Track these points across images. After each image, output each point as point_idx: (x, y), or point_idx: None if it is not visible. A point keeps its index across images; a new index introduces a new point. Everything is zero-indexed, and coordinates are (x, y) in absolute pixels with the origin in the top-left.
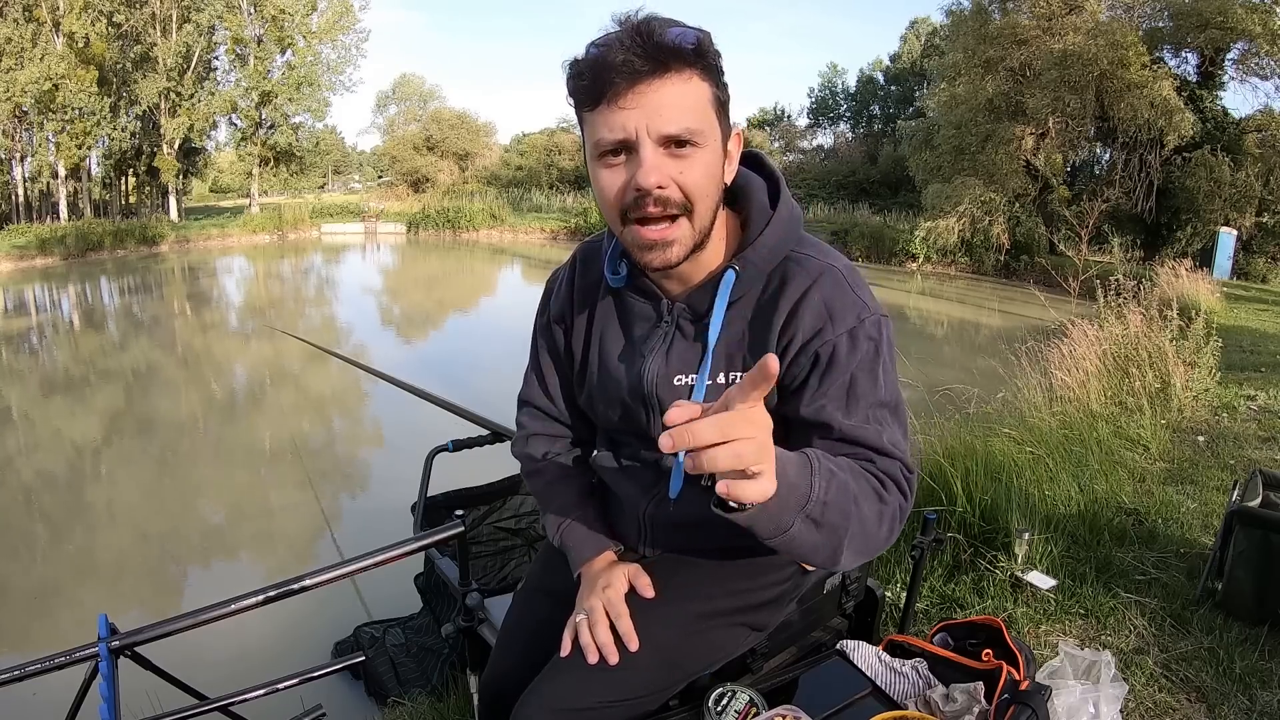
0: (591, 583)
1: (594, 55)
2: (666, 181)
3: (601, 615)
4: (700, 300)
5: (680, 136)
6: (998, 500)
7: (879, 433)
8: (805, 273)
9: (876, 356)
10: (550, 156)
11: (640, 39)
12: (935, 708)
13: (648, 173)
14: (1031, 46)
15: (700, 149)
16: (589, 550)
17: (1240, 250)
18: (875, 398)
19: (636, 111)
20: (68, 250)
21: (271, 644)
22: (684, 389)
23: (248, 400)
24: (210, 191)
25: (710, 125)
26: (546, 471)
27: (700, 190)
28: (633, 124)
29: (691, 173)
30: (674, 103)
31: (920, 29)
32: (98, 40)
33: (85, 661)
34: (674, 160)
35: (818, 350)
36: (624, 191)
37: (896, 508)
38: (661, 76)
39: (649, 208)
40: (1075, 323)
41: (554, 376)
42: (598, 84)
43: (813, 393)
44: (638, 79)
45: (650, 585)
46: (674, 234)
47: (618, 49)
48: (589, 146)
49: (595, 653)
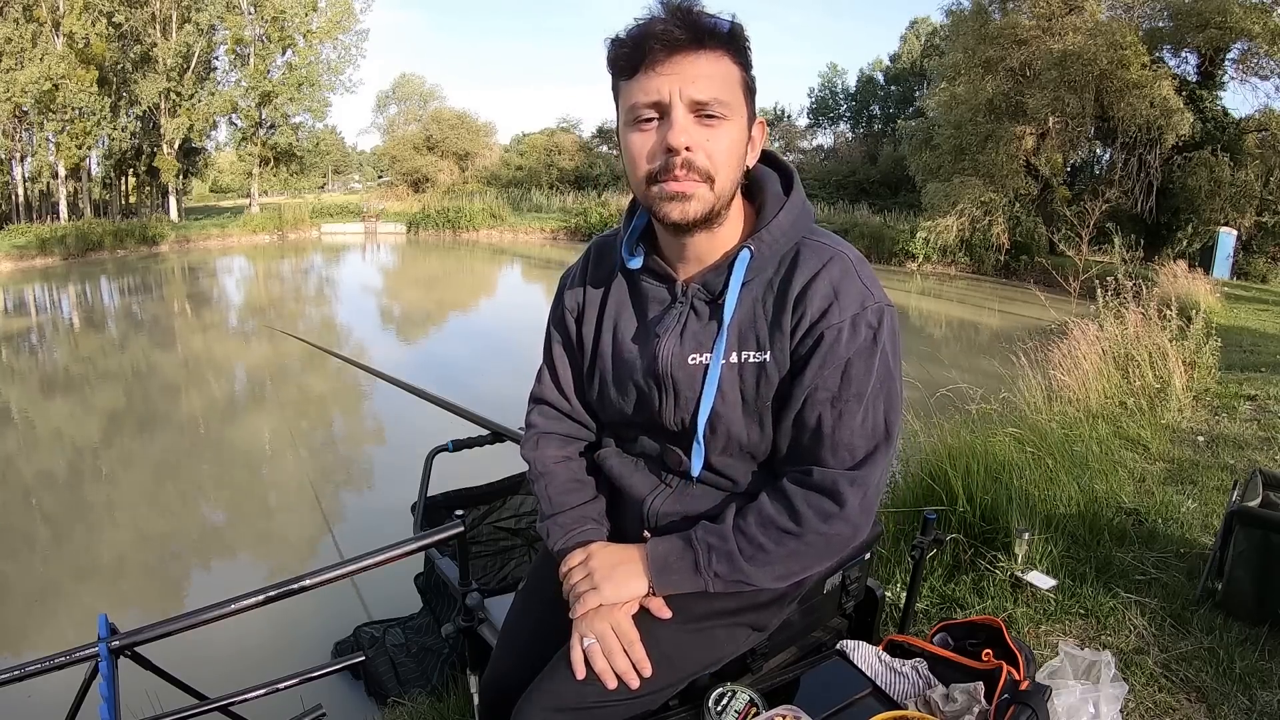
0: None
1: (635, 28)
2: (695, 144)
3: (615, 642)
4: (715, 280)
5: (710, 106)
6: (998, 500)
7: (853, 428)
8: (817, 256)
9: (874, 345)
10: (550, 156)
11: (680, 14)
12: (935, 708)
13: (678, 133)
14: (1031, 46)
15: (727, 122)
16: None
17: (1240, 250)
18: (865, 386)
19: (672, 77)
20: (68, 250)
21: (271, 644)
22: (698, 368)
23: (248, 400)
24: (210, 191)
25: (738, 103)
26: (556, 476)
27: (723, 161)
28: (667, 88)
29: (717, 142)
30: (707, 73)
31: (920, 29)
32: (98, 40)
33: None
34: (702, 128)
35: (823, 332)
36: (653, 154)
37: (818, 534)
38: (697, 50)
39: (675, 170)
40: (1075, 323)
41: (568, 372)
42: (638, 51)
43: (812, 374)
44: (676, 48)
45: (664, 606)
46: (695, 190)
47: (658, 21)
48: (623, 114)
49: (614, 680)
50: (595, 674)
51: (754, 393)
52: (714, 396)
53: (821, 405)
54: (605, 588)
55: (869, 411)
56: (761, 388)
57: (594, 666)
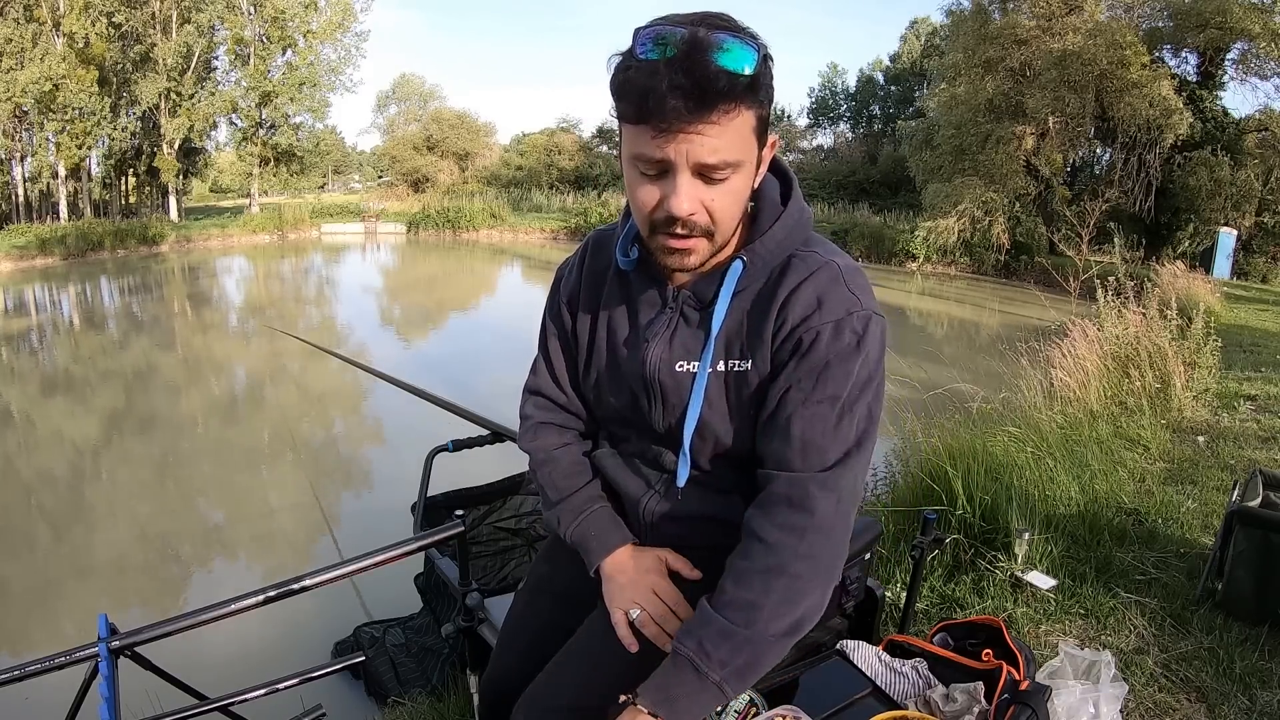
0: (627, 573)
1: (639, 79)
2: (697, 208)
3: (661, 606)
4: (705, 288)
5: (717, 170)
6: (998, 500)
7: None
8: (805, 266)
9: (856, 350)
10: (550, 156)
11: (689, 70)
12: (935, 708)
13: (680, 201)
14: (1031, 46)
15: (735, 174)
16: (614, 541)
17: (1240, 250)
18: (842, 390)
19: (679, 140)
20: (68, 250)
21: (271, 644)
22: (686, 375)
23: (248, 400)
24: (210, 191)
25: (749, 152)
26: (560, 461)
27: (726, 214)
28: (673, 151)
29: (722, 199)
30: (715, 136)
31: (920, 29)
32: (98, 40)
33: (85, 661)
34: (707, 187)
35: (801, 335)
36: (656, 208)
37: (798, 557)
38: (706, 117)
39: (676, 228)
40: (1075, 323)
41: (563, 364)
42: (640, 111)
43: (786, 375)
44: (680, 117)
45: (691, 567)
46: (695, 246)
47: (664, 76)
48: (626, 147)
49: (670, 643)
50: (649, 641)
51: (739, 401)
52: (701, 404)
53: (794, 406)
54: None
55: (843, 416)
56: (745, 395)
57: (647, 634)
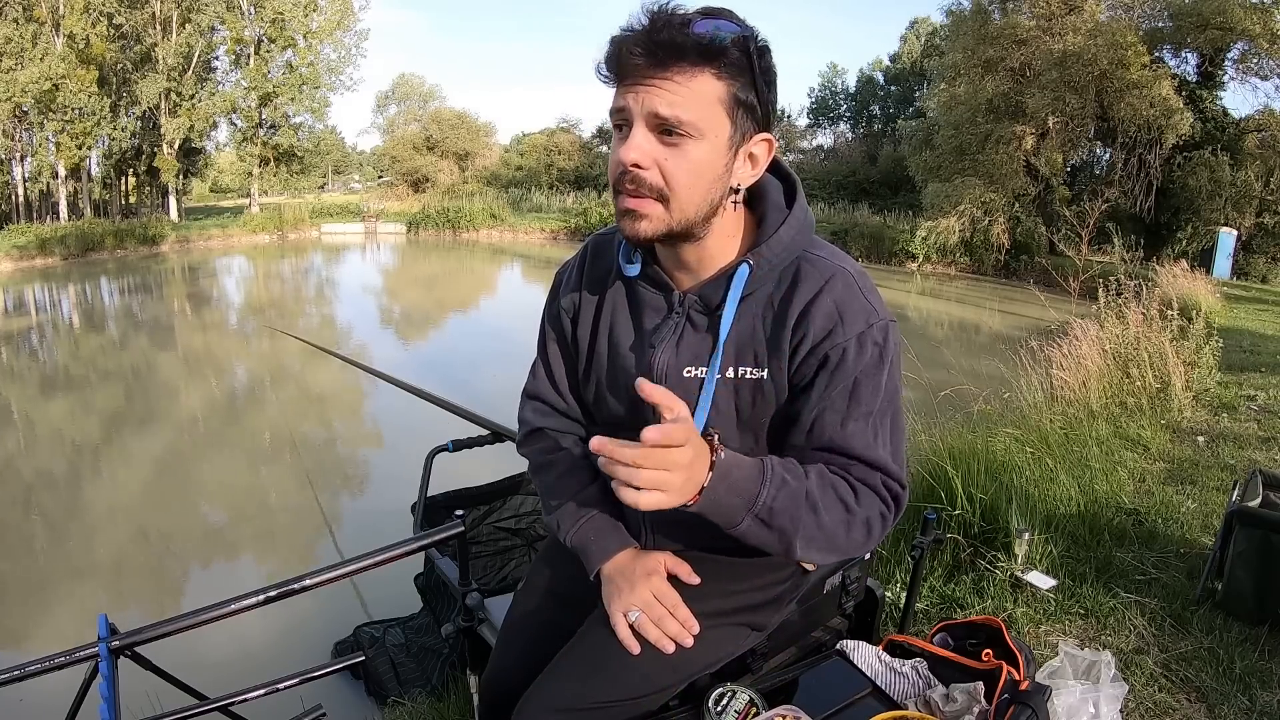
0: (627, 577)
1: (614, 45)
2: (648, 162)
3: (660, 609)
4: (712, 293)
5: (669, 123)
6: (998, 500)
7: (868, 444)
8: (818, 273)
9: (880, 362)
10: (550, 156)
11: (648, 32)
12: (935, 708)
13: (629, 149)
14: (1031, 47)
15: (693, 140)
16: (614, 544)
17: (1240, 250)
18: (874, 404)
19: (637, 90)
20: (68, 250)
21: (271, 644)
22: (694, 381)
23: (248, 400)
24: (210, 191)
25: (711, 122)
26: (558, 464)
27: (680, 181)
28: (630, 99)
29: (677, 161)
30: (670, 90)
31: (920, 29)
32: (98, 40)
33: (85, 661)
34: (663, 146)
35: (827, 352)
36: (615, 164)
37: (870, 516)
38: (666, 66)
39: (625, 184)
40: (1075, 322)
41: (562, 369)
42: (609, 68)
43: (818, 394)
44: (644, 63)
45: (692, 572)
46: (648, 209)
47: (635, 39)
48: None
49: (670, 644)
50: (650, 644)
51: (750, 409)
52: (708, 410)
53: (831, 427)
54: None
55: (877, 429)
56: (758, 405)
57: (648, 637)
